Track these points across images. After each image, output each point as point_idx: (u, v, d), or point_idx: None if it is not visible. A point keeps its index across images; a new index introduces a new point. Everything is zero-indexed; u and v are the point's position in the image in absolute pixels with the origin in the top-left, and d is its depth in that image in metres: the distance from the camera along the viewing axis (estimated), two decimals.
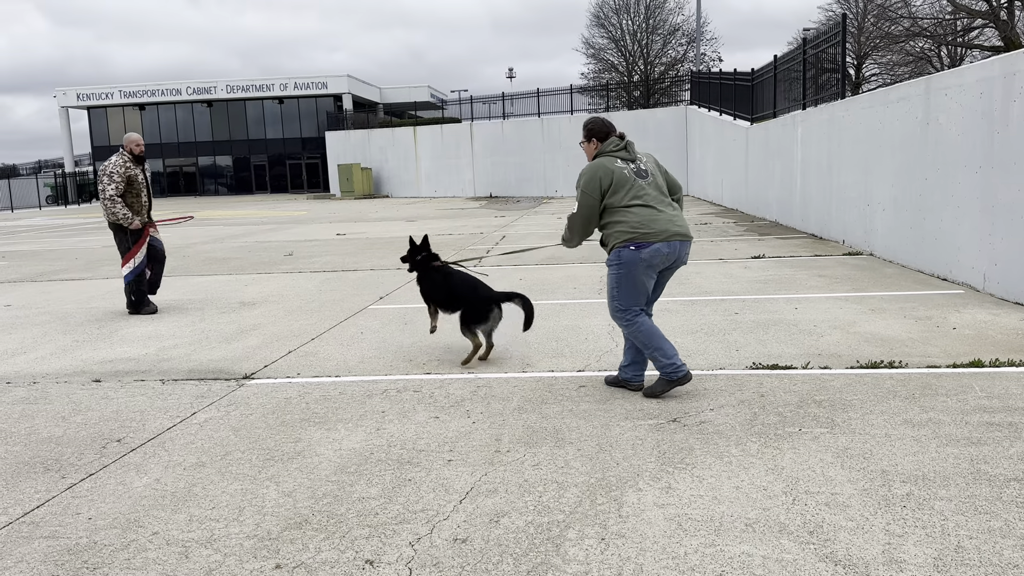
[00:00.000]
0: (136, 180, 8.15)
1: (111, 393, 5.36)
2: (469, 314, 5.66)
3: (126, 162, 8.09)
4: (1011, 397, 4.51)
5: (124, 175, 8.04)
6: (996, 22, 28.87)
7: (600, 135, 4.92)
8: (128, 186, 8.11)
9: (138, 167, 8.21)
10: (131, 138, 8.26)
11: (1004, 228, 7.24)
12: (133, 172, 8.12)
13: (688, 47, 43.75)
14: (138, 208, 8.23)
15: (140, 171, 8.23)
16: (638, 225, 4.67)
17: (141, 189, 8.22)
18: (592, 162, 4.88)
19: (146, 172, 8.37)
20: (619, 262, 4.73)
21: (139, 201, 8.23)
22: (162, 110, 53.12)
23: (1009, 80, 7.15)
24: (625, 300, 4.77)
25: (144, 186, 8.27)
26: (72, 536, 3.23)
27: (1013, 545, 2.86)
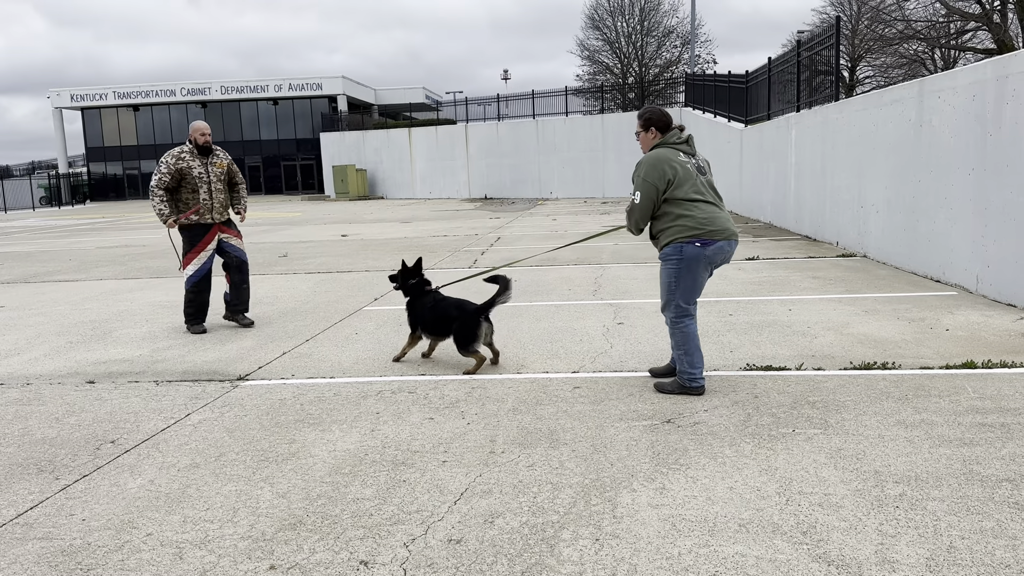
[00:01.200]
0: (190, 174, 7.08)
1: (105, 394, 5.35)
2: (461, 334, 5.57)
3: (181, 153, 7.10)
4: (1004, 398, 4.53)
5: (173, 168, 7.03)
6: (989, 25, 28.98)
7: (660, 125, 4.83)
8: (183, 181, 7.11)
9: (201, 159, 7.17)
10: (194, 126, 7.22)
11: (997, 230, 7.27)
12: (187, 165, 7.07)
13: (683, 49, 43.84)
14: (195, 206, 7.15)
15: (201, 164, 7.15)
16: (705, 222, 4.67)
17: (198, 184, 7.12)
18: (654, 152, 4.78)
19: (213, 166, 7.24)
20: (680, 257, 4.71)
21: (195, 198, 7.13)
22: (156, 111, 53.00)
23: (1002, 83, 7.19)
24: (684, 296, 4.78)
25: (205, 182, 7.14)
26: (66, 537, 3.23)
27: (1005, 545, 2.88)
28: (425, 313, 5.82)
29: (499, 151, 36.47)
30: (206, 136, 7.17)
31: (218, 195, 7.25)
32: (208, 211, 7.20)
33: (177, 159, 7.07)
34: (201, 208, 7.15)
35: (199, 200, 7.13)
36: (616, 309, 7.63)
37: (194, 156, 7.14)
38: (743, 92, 18.84)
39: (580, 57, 50.83)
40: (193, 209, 7.14)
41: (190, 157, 7.12)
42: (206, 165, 7.19)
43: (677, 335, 4.82)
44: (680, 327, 4.81)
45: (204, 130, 7.20)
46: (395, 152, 40.59)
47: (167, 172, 7.03)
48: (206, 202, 7.16)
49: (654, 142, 4.88)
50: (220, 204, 7.27)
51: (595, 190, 33.37)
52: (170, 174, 7.04)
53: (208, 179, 7.17)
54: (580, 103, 37.24)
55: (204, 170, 7.16)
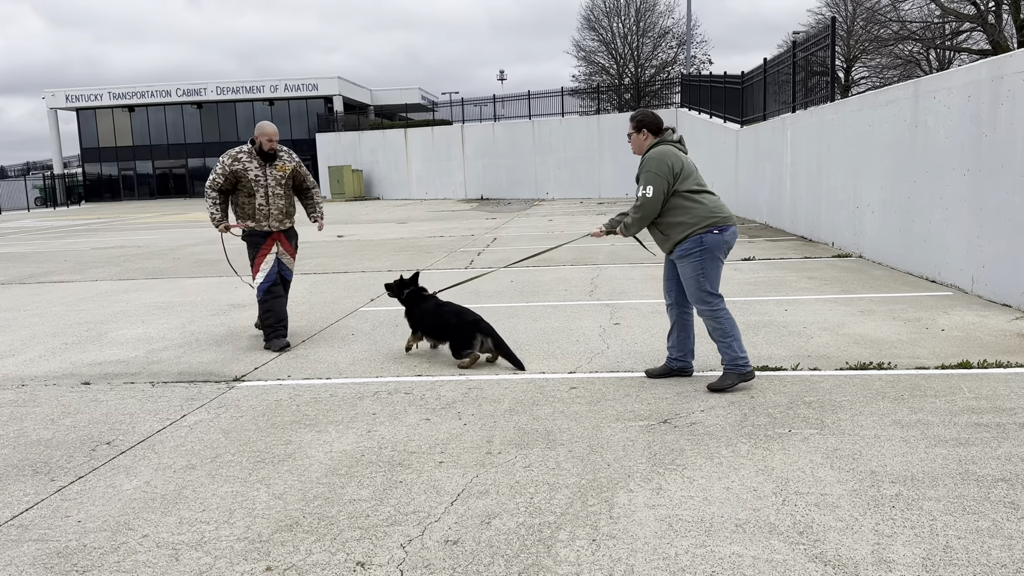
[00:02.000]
0: (245, 176, 6.46)
1: (100, 396, 5.34)
2: (457, 341, 5.77)
3: (238, 153, 6.51)
4: (999, 398, 4.54)
5: (228, 169, 6.44)
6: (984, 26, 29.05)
7: (651, 127, 5.00)
8: (239, 184, 6.51)
9: (262, 164, 6.52)
10: (260, 129, 6.55)
11: (992, 230, 7.29)
12: (242, 167, 6.45)
13: (678, 50, 43.88)
14: (250, 211, 6.53)
15: (260, 166, 6.51)
16: (716, 210, 4.85)
17: (254, 188, 6.48)
18: (658, 148, 4.92)
19: (274, 168, 6.58)
20: (702, 247, 4.81)
21: (251, 202, 6.50)
22: (152, 111, 52.93)
23: (997, 83, 7.21)
24: (713, 283, 4.89)
25: (262, 185, 6.50)
26: (61, 539, 3.22)
27: (1001, 545, 2.88)
28: (426, 318, 6.04)
29: (495, 152, 36.48)
30: (272, 142, 6.53)
31: (276, 201, 6.56)
32: (265, 218, 6.55)
33: (233, 159, 6.49)
34: (257, 214, 6.54)
35: (255, 205, 6.51)
36: (613, 310, 7.64)
37: (252, 157, 6.50)
38: (739, 93, 18.86)
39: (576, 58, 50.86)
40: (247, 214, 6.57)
41: (247, 158, 6.49)
42: (265, 168, 6.53)
43: (722, 324, 4.89)
44: (721, 315, 4.90)
45: (271, 135, 6.54)
46: (391, 153, 40.57)
47: (221, 174, 6.48)
48: (262, 208, 6.51)
49: (646, 143, 5.03)
50: (279, 211, 6.59)
51: (591, 191, 33.39)
52: (224, 176, 6.47)
53: (266, 183, 6.52)
54: (576, 104, 37.25)
55: (262, 172, 6.52)
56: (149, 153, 53.48)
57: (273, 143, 6.55)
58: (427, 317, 6.01)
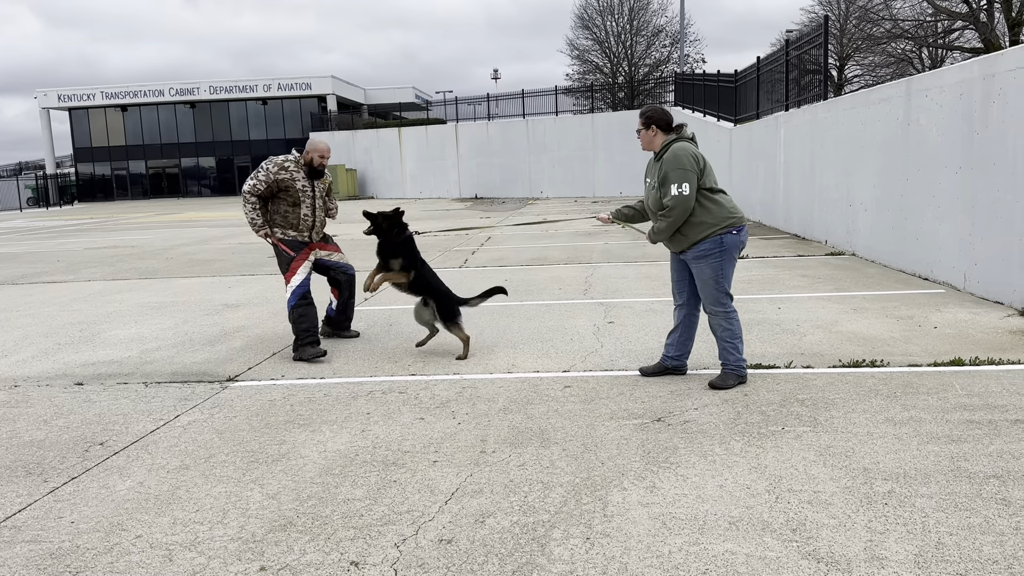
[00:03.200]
0: (293, 187, 6.33)
1: (93, 396, 5.33)
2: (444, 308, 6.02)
3: (285, 163, 6.34)
4: (991, 395, 4.56)
5: (273, 178, 6.26)
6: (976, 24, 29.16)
7: (661, 124, 4.89)
8: (282, 193, 6.35)
9: (308, 178, 6.42)
10: (315, 146, 6.43)
11: (984, 228, 7.32)
12: (289, 176, 6.30)
13: (672, 48, 43.92)
14: (294, 221, 6.40)
15: (306, 178, 6.41)
16: (733, 210, 4.82)
17: (301, 199, 6.37)
18: (679, 144, 4.81)
19: (320, 182, 6.56)
20: (721, 248, 4.77)
21: (295, 212, 6.38)
22: (144, 111, 52.75)
23: (988, 82, 7.23)
24: (728, 284, 4.88)
25: (309, 196, 6.41)
26: (54, 540, 3.21)
27: (992, 541, 2.90)
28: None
29: (489, 151, 36.47)
30: (324, 159, 6.48)
31: (319, 214, 6.56)
32: (308, 228, 6.51)
33: (280, 168, 6.31)
34: (302, 225, 6.46)
35: (300, 215, 6.41)
36: (607, 308, 7.64)
37: (299, 168, 6.38)
38: (732, 91, 18.89)
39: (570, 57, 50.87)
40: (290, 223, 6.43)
41: (295, 168, 6.36)
42: (312, 181, 6.47)
43: (732, 325, 4.89)
44: (733, 317, 4.90)
45: (324, 152, 6.48)
46: (385, 152, 40.53)
47: (264, 181, 6.29)
48: (307, 219, 6.46)
49: (656, 139, 4.93)
50: (320, 223, 6.61)
51: (585, 189, 33.41)
52: (267, 183, 6.30)
53: (313, 194, 6.46)
54: (570, 103, 37.30)
55: (310, 183, 6.44)
56: (142, 153, 53.30)
57: (325, 160, 6.51)
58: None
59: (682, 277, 5.08)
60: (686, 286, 5.07)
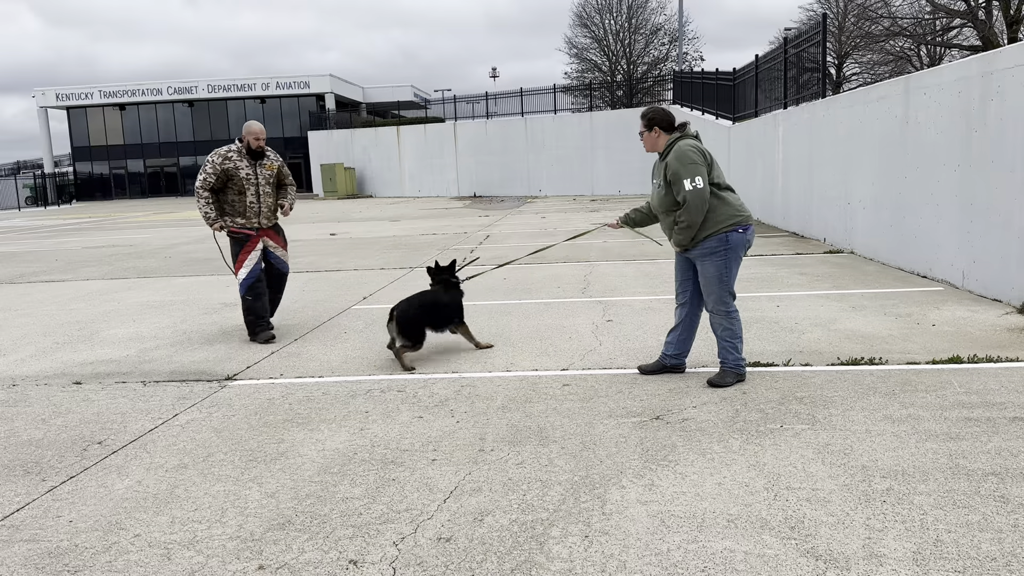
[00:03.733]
0: (237, 175, 6.61)
1: (92, 395, 5.32)
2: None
3: (228, 152, 6.64)
4: (989, 393, 4.56)
5: (219, 168, 6.57)
6: (974, 22, 29.16)
7: (663, 124, 4.88)
8: (229, 182, 6.66)
9: (251, 162, 6.69)
10: (248, 127, 6.72)
11: (982, 226, 7.32)
12: (233, 165, 6.60)
13: (670, 46, 43.91)
14: (241, 208, 6.69)
15: (250, 165, 6.68)
16: (740, 208, 4.81)
17: (245, 186, 6.65)
18: (684, 141, 4.79)
19: (263, 167, 6.77)
20: (727, 246, 4.76)
21: (241, 200, 6.67)
22: (143, 110, 52.69)
23: (987, 79, 7.23)
24: (732, 283, 4.86)
25: (253, 184, 6.68)
26: (53, 539, 3.21)
27: (991, 538, 2.90)
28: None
29: (488, 149, 36.45)
30: (260, 140, 6.70)
31: (266, 199, 6.80)
32: (255, 215, 6.75)
33: (224, 159, 6.61)
34: (248, 212, 6.72)
35: (246, 203, 6.69)
36: (605, 307, 7.64)
37: (242, 156, 6.66)
38: (731, 89, 18.89)
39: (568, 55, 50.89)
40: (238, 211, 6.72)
41: (238, 157, 6.64)
42: (255, 167, 6.71)
43: (734, 325, 4.88)
44: (735, 316, 4.90)
45: (259, 134, 6.71)
46: (383, 150, 40.50)
47: (212, 173, 6.59)
48: (253, 205, 6.71)
49: (659, 141, 4.92)
50: (268, 209, 6.83)
51: (584, 188, 33.40)
52: (215, 175, 6.59)
53: (256, 181, 6.70)
54: (569, 101, 37.26)
55: (252, 171, 6.69)
56: (140, 152, 53.24)
57: (260, 141, 6.71)
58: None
59: (686, 276, 5.07)
60: (690, 285, 5.06)
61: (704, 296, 4.96)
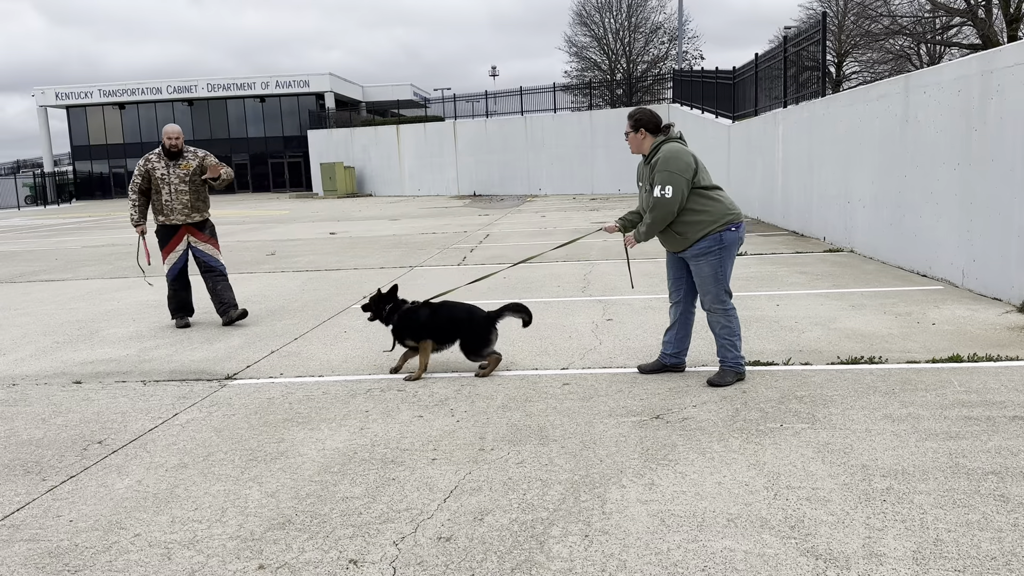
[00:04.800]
0: (154, 175, 7.26)
1: (92, 394, 5.32)
2: (471, 340, 5.36)
3: (150, 155, 7.33)
4: (989, 391, 4.56)
5: (142, 170, 7.28)
6: (974, 20, 29.14)
7: (650, 126, 4.89)
8: (152, 183, 7.31)
9: (167, 161, 7.27)
10: (165, 131, 7.33)
11: (982, 225, 7.32)
12: (151, 166, 7.26)
13: (670, 45, 43.89)
14: (159, 206, 7.33)
15: (165, 166, 7.27)
16: (731, 206, 4.83)
17: (160, 186, 7.25)
18: (670, 145, 4.81)
19: (177, 167, 7.28)
20: (721, 245, 4.78)
21: (159, 199, 7.30)
22: (142, 109, 52.66)
23: (987, 78, 7.23)
24: (727, 281, 4.88)
25: (166, 183, 7.25)
26: (53, 539, 3.21)
27: (991, 538, 2.90)
28: (428, 325, 5.39)
29: (487, 148, 36.43)
30: (171, 139, 7.25)
31: (180, 196, 7.29)
32: (171, 212, 7.31)
33: (145, 160, 7.31)
34: (164, 209, 7.30)
35: (162, 201, 7.28)
36: (605, 306, 7.64)
37: (160, 158, 7.27)
38: (730, 88, 18.88)
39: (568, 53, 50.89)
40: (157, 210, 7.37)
41: (156, 159, 7.27)
42: (169, 167, 7.26)
43: (731, 323, 4.89)
44: (732, 314, 4.90)
45: (171, 134, 7.28)
46: (383, 149, 40.48)
47: (138, 175, 7.31)
48: (168, 203, 7.28)
49: (645, 142, 4.92)
50: (182, 205, 7.32)
51: (584, 187, 33.39)
52: (141, 176, 7.29)
53: (169, 180, 7.25)
54: (568, 100, 37.22)
55: (166, 172, 7.25)
56: (140, 151, 52.94)
57: (172, 140, 7.25)
58: (428, 324, 5.38)
59: (679, 275, 5.08)
60: (682, 284, 5.07)
61: (700, 296, 4.96)
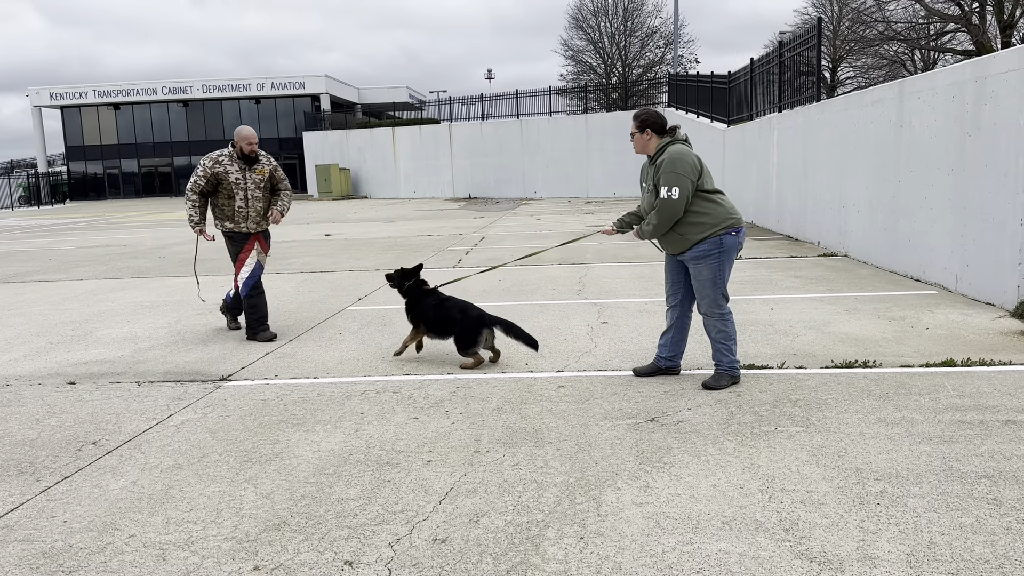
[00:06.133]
0: (226, 179, 6.68)
1: (86, 395, 5.31)
2: (462, 338, 5.66)
3: (219, 156, 6.72)
4: (982, 396, 4.58)
5: (209, 172, 6.67)
6: (968, 26, 29.27)
7: (656, 127, 4.90)
8: (220, 186, 6.74)
9: (242, 166, 6.73)
10: (240, 133, 6.75)
11: (976, 230, 7.35)
12: (223, 169, 6.68)
13: (666, 49, 43.99)
14: (230, 213, 6.77)
15: (240, 169, 6.73)
16: (732, 211, 4.84)
17: (234, 191, 6.70)
18: (676, 147, 4.82)
19: (253, 172, 6.78)
20: (720, 249, 4.79)
21: (231, 204, 6.74)
22: (137, 110, 52.54)
23: (980, 84, 7.27)
24: (725, 285, 4.89)
25: (241, 188, 6.72)
26: (47, 539, 3.20)
27: (984, 541, 2.92)
28: (428, 313, 5.87)
29: (483, 150, 36.45)
30: (252, 145, 6.71)
31: (255, 203, 6.81)
32: (244, 220, 6.81)
33: (215, 162, 6.69)
34: (236, 216, 6.79)
35: (235, 207, 6.75)
36: (600, 308, 7.65)
37: (233, 160, 6.71)
38: (726, 92, 18.93)
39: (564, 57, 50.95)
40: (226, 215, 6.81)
41: (228, 161, 6.70)
42: (245, 171, 6.73)
43: (728, 327, 4.91)
44: (729, 318, 4.92)
45: (250, 139, 6.72)
46: (379, 151, 40.45)
47: (203, 176, 6.70)
48: (241, 210, 6.77)
49: (651, 143, 4.92)
50: (256, 213, 6.85)
51: (579, 190, 33.42)
52: (206, 178, 6.70)
53: (245, 186, 6.74)
54: (564, 103, 37.28)
55: (242, 176, 6.72)
56: (134, 151, 53.09)
57: (252, 146, 6.73)
58: (429, 312, 5.86)
59: (676, 279, 5.08)
60: (680, 287, 5.07)
61: (697, 299, 4.97)
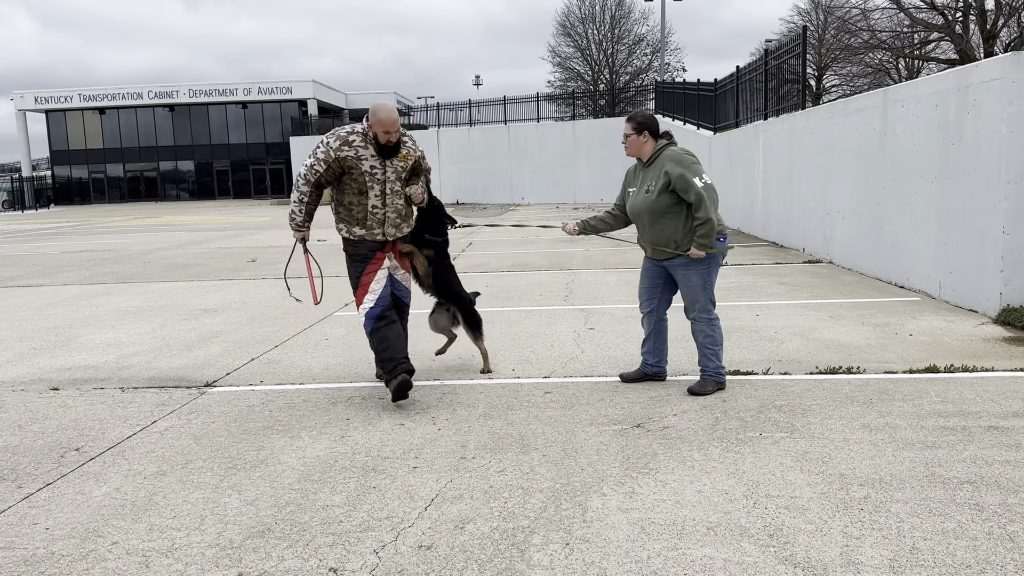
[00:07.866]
0: (358, 168, 4.82)
1: (69, 401, 5.27)
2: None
3: (350, 136, 4.83)
4: (965, 402, 4.62)
5: (332, 156, 4.79)
6: (952, 36, 29.58)
7: (653, 131, 4.92)
8: (347, 176, 4.88)
9: (378, 157, 4.86)
10: (375, 112, 4.82)
11: (959, 237, 7.42)
12: (354, 154, 4.81)
13: (653, 57, 44.21)
14: (360, 215, 4.95)
15: (379, 159, 4.87)
16: (719, 217, 4.85)
17: (369, 185, 4.87)
18: (673, 148, 4.87)
19: (396, 159, 4.93)
20: (710, 255, 4.81)
21: (362, 204, 4.92)
22: (123, 114, 52.21)
23: (963, 93, 7.34)
24: (712, 291, 4.91)
25: (379, 181, 4.88)
26: (29, 547, 3.17)
27: (966, 546, 2.94)
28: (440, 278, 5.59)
29: (471, 156, 36.47)
30: (390, 135, 4.82)
31: (395, 201, 4.99)
32: (379, 224, 5.00)
33: (343, 143, 4.80)
34: (370, 219, 4.98)
35: (367, 207, 4.93)
36: (587, 314, 7.67)
37: (368, 143, 4.82)
38: (712, 100, 19.02)
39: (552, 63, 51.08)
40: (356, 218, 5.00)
41: (361, 143, 4.82)
42: (384, 162, 4.89)
43: (715, 332, 4.92)
44: (717, 324, 4.93)
45: (390, 125, 4.80)
46: None
47: (324, 160, 4.82)
48: (376, 211, 4.94)
49: (646, 146, 4.93)
50: (396, 214, 5.03)
51: (567, 196, 33.48)
52: (327, 163, 4.82)
53: (385, 178, 4.92)
54: (552, 109, 37.37)
55: (380, 166, 4.88)
56: (120, 156, 52.74)
57: (391, 136, 4.84)
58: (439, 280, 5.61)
59: (654, 284, 5.08)
60: (657, 292, 5.09)
61: (686, 305, 4.98)
